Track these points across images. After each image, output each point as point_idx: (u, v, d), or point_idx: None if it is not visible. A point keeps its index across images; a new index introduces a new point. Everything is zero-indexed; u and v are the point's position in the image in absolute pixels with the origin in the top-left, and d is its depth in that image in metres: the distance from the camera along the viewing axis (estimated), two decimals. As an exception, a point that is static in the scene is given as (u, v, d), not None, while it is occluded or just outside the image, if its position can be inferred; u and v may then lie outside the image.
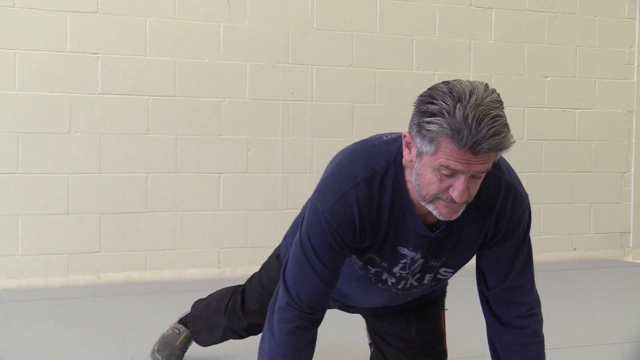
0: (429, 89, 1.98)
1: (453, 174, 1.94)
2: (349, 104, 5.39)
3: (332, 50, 5.34)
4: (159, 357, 3.03)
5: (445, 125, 1.88)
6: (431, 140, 1.91)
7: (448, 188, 1.96)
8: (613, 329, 3.91)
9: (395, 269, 2.22)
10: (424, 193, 2.00)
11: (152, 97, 4.93)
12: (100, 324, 3.75)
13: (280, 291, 2.17)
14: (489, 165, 1.95)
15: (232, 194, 5.14)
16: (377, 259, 2.22)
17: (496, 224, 2.15)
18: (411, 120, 1.98)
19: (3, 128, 4.66)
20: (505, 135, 1.90)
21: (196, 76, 5.03)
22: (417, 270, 2.24)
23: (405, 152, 2.03)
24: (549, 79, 5.94)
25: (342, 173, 2.14)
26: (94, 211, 4.84)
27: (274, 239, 2.78)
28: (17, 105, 4.67)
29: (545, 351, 2.28)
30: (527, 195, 2.23)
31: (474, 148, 1.88)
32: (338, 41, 5.36)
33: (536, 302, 2.28)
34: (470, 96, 1.90)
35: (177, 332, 3.06)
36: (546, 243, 5.91)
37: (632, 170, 6.20)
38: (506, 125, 1.92)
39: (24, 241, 4.73)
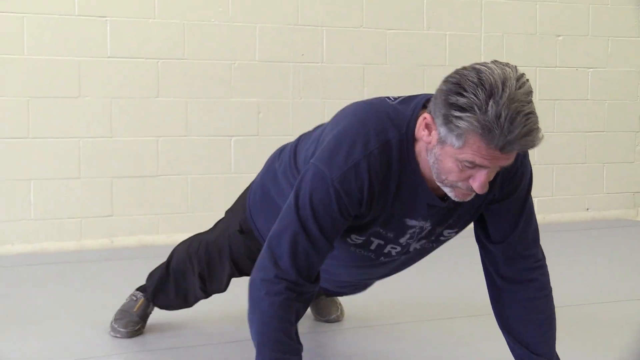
0: (456, 73, 1.90)
1: (476, 166, 1.91)
2: (360, 66, 5.36)
3: (342, 11, 5.30)
4: (116, 326, 3.04)
5: (476, 124, 1.82)
6: (459, 136, 1.86)
7: (468, 177, 1.93)
8: (628, 286, 3.92)
9: (402, 239, 2.19)
10: (443, 177, 1.97)
11: (162, 61, 4.91)
12: (113, 286, 3.76)
13: (265, 261, 2.06)
14: (513, 159, 1.92)
15: (244, 157, 5.12)
16: (381, 231, 2.17)
17: (502, 185, 2.13)
18: (435, 105, 1.92)
19: (13, 93, 4.64)
20: (536, 134, 1.86)
21: (205, 39, 5.00)
22: (423, 236, 2.22)
23: (424, 133, 1.97)
24: (560, 37, 5.89)
25: (352, 138, 2.04)
26: (105, 175, 4.84)
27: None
28: (26, 70, 4.65)
29: (560, 309, 2.27)
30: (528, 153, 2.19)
31: (504, 148, 1.84)
32: (348, 2, 5.32)
33: (542, 255, 2.27)
34: (503, 90, 1.82)
35: (134, 298, 3.06)
36: (559, 203, 5.90)
37: (645, 129, 6.17)
38: (537, 121, 1.87)
39: (37, 206, 4.73)
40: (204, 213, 5.06)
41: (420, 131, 1.99)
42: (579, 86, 5.97)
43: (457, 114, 1.84)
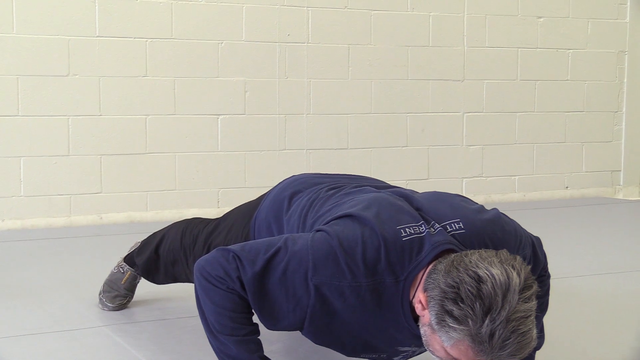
0: (457, 273, 1.81)
1: None
2: (345, 46, 5.45)
3: (328, -9, 5.39)
4: (103, 299, 3.11)
5: (469, 337, 1.77)
6: (450, 338, 1.81)
7: (454, 358, 1.88)
8: (605, 261, 4.06)
9: (396, 358, 2.19)
10: (430, 349, 1.93)
11: (150, 40, 4.99)
12: (102, 261, 3.85)
13: (220, 259, 2.02)
14: None
15: (230, 135, 5.22)
16: (374, 355, 2.16)
17: None
18: (431, 295, 1.85)
19: (2, 71, 4.71)
20: (528, 349, 1.80)
21: (193, 18, 5.08)
22: (418, 353, 2.19)
23: (418, 307, 1.92)
24: (542, 19, 5.99)
25: (348, 261, 1.97)
26: (94, 153, 4.93)
27: (272, 180, 2.83)
28: (16, 48, 4.72)
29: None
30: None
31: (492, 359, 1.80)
32: (333, -17, 5.40)
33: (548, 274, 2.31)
34: (502, 306, 1.75)
35: (122, 271, 3.10)
36: (539, 182, 6.01)
37: (624, 109, 6.27)
38: (532, 334, 1.80)
39: (27, 182, 4.82)
40: (192, 190, 5.16)
41: (417, 307, 1.93)
42: (559, 67, 6.08)
43: (452, 323, 1.79)
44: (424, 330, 1.92)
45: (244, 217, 2.69)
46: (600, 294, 3.45)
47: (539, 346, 2.31)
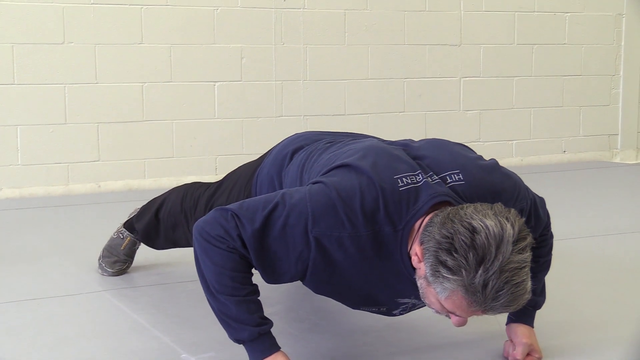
0: (451, 222, 1.83)
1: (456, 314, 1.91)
2: (341, 11, 5.42)
3: (323, -44, 5.35)
4: (103, 264, 3.13)
5: (462, 287, 1.80)
6: (444, 289, 1.84)
7: (448, 313, 1.93)
8: (605, 223, 4.09)
9: (396, 311, 2.21)
10: (426, 301, 1.97)
11: (145, 7, 4.96)
12: (101, 228, 3.85)
13: (219, 219, 2.01)
14: None
15: (227, 102, 5.21)
16: (373, 308, 2.19)
17: None
18: (426, 247, 1.88)
19: (-2, 39, 4.71)
20: (521, 300, 1.83)
21: (188, -15, 5.06)
22: (417, 307, 2.22)
23: (415, 259, 1.94)
24: (539, -18, 5.97)
25: (347, 210, 1.97)
26: (91, 121, 4.92)
27: (269, 146, 2.82)
28: (10, 16, 4.70)
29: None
30: None
31: (485, 311, 1.85)
32: (329, -53, 5.37)
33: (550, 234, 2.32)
34: (496, 256, 1.78)
35: (121, 237, 3.12)
36: (536, 146, 6.01)
37: (621, 73, 6.26)
38: (526, 286, 1.83)
39: (24, 151, 4.81)
40: (189, 157, 5.16)
41: (414, 260, 1.95)
42: (557, 30, 6.06)
43: (445, 273, 1.82)
44: (419, 283, 1.95)
45: (245, 176, 2.69)
46: (600, 255, 3.47)
47: (539, 305, 2.33)
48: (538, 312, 2.34)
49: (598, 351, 2.36)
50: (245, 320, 2.03)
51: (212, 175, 5.11)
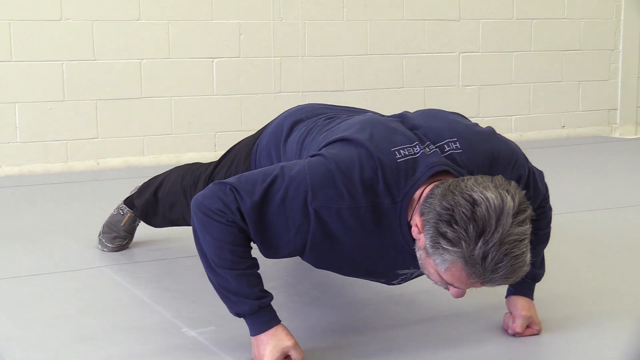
0: (452, 194, 1.84)
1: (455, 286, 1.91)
2: (339, -14, 5.41)
3: None
4: (103, 240, 3.14)
5: (461, 259, 1.81)
6: (444, 261, 1.85)
7: (447, 284, 1.93)
8: (605, 197, 4.11)
9: (395, 281, 2.22)
10: (425, 272, 1.97)
11: (143, -17, 4.94)
12: (100, 204, 3.86)
13: (218, 192, 2.01)
14: None
15: (226, 78, 5.19)
16: (372, 278, 2.21)
17: None
18: (426, 218, 1.88)
19: (-5, 17, 4.68)
20: (520, 273, 1.84)
21: (185, -39, 5.03)
22: (416, 276, 2.22)
23: (414, 230, 1.94)
24: (538, -43, 5.94)
25: (346, 182, 1.97)
26: (90, 98, 4.91)
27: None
28: (8, -7, 4.69)
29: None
30: None
31: (484, 283, 1.86)
32: None
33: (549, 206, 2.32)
34: (496, 228, 1.78)
35: (121, 213, 3.12)
36: (535, 121, 6.01)
37: (620, 47, 6.24)
38: (525, 258, 1.84)
39: (22, 128, 4.80)
40: (188, 134, 5.15)
41: (414, 231, 1.95)
42: (555, 5, 6.03)
43: (445, 245, 1.82)
44: (419, 254, 1.96)
45: (245, 150, 2.70)
46: (599, 229, 3.48)
47: (539, 277, 2.34)
48: (537, 285, 2.34)
49: (597, 323, 2.37)
50: (245, 294, 2.04)
51: (211, 152, 5.11)
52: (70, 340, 2.29)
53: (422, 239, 1.92)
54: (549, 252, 2.38)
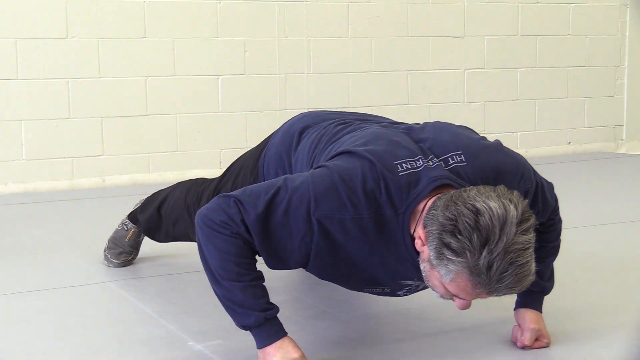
0: (454, 205, 1.83)
1: (460, 297, 1.91)
2: (344, 4, 5.41)
3: (326, -51, 5.34)
4: (108, 256, 3.13)
5: (466, 269, 1.80)
6: (449, 272, 1.84)
7: (452, 296, 1.93)
8: (612, 212, 4.09)
9: (400, 292, 2.21)
10: (429, 284, 1.97)
11: (147, 1, 4.95)
12: (106, 221, 3.85)
13: (222, 205, 2.00)
14: None
15: (231, 95, 5.20)
16: (377, 289, 2.19)
17: None
18: (429, 230, 1.87)
19: (0, 34, 4.68)
20: (526, 282, 1.83)
21: (191, -21, 5.05)
22: (421, 289, 2.21)
23: (418, 243, 1.94)
24: (542, -27, 5.95)
25: (349, 193, 1.97)
26: (95, 115, 4.91)
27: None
28: (13, 11, 4.69)
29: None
30: None
31: (490, 293, 1.85)
32: (331, -60, 5.36)
33: (559, 219, 2.31)
34: (500, 237, 1.78)
35: (125, 228, 3.11)
36: (541, 137, 6.00)
37: (626, 63, 6.24)
38: (530, 267, 1.82)
39: (28, 146, 4.81)
40: (194, 151, 5.16)
41: (417, 244, 1.94)
42: (560, 21, 6.04)
43: (449, 255, 1.82)
44: (423, 266, 1.95)
45: (251, 161, 2.69)
46: (606, 243, 3.47)
47: (548, 290, 2.32)
48: (545, 299, 2.33)
49: (606, 336, 2.35)
50: (251, 306, 2.02)
51: (216, 168, 5.10)
52: (77, 353, 2.28)
53: (425, 251, 1.91)
54: (556, 266, 2.36)
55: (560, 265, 2.40)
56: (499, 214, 1.80)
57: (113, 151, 4.98)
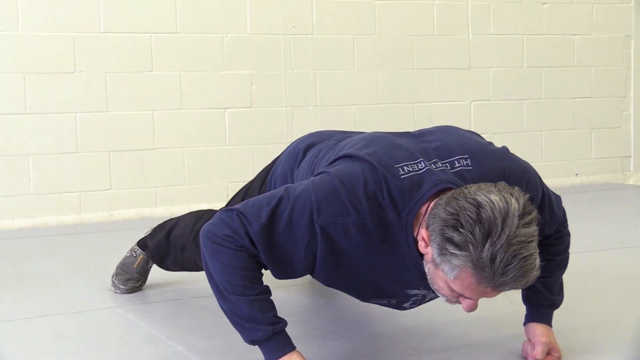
0: (456, 201, 1.83)
1: (465, 296, 1.90)
2: (350, 36, 5.44)
3: (331, -17, 5.39)
4: (116, 282, 3.12)
5: (470, 263, 1.79)
6: (452, 268, 1.83)
7: (458, 297, 1.92)
8: (621, 237, 4.08)
9: (406, 304, 2.20)
10: (434, 287, 1.96)
11: (154, 35, 4.99)
12: (114, 253, 3.84)
13: (225, 219, 2.00)
14: None
15: (238, 128, 5.21)
16: (384, 300, 2.18)
17: None
18: (432, 228, 1.87)
19: (9, 69, 4.72)
20: (531, 275, 1.82)
21: (196, 12, 5.08)
22: (427, 300, 2.20)
23: (421, 244, 1.93)
24: (546, 5, 5.97)
25: (351, 197, 1.97)
26: (103, 149, 4.93)
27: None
28: (21, 46, 4.73)
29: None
30: None
31: (495, 288, 1.83)
32: (336, -25, 5.41)
33: (567, 232, 2.32)
34: (502, 229, 1.77)
35: (134, 255, 3.11)
36: (548, 169, 5.99)
37: (632, 94, 6.25)
38: (535, 261, 1.81)
39: (36, 180, 4.81)
40: (201, 185, 5.16)
41: (421, 245, 1.94)
42: (565, 53, 6.06)
43: (452, 250, 1.81)
44: (427, 268, 1.94)
45: (259, 180, 2.71)
46: (615, 266, 3.46)
47: (557, 304, 2.31)
48: (555, 316, 2.31)
49: (615, 351, 2.33)
50: (258, 320, 2.01)
51: (223, 202, 5.09)
52: (83, 373, 2.26)
53: (429, 252, 1.91)
54: (566, 284, 2.35)
55: (568, 287, 2.38)
56: (500, 207, 1.80)
57: (120, 185, 4.99)
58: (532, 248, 1.81)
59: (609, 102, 6.21)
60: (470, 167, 2.06)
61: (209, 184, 5.19)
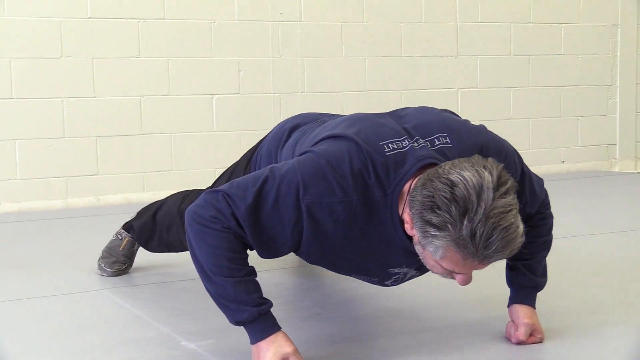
0: (430, 182, 1.85)
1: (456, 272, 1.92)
2: (338, 23, 5.45)
3: (319, -30, 5.39)
4: (102, 265, 3.13)
5: (452, 242, 1.81)
6: (437, 249, 1.86)
7: (451, 273, 1.94)
8: (606, 223, 4.13)
9: (388, 282, 2.21)
10: (427, 267, 1.98)
11: (142, 20, 4.98)
12: (100, 238, 3.84)
13: (211, 200, 1.99)
14: None
15: (225, 114, 5.22)
16: (365, 278, 2.20)
17: None
18: (412, 211, 1.89)
19: (-4, 54, 4.72)
20: (515, 244, 1.83)
21: None
22: (409, 277, 2.21)
23: (407, 227, 1.95)
24: (534, -7, 6.00)
25: (336, 176, 1.97)
26: (90, 134, 4.92)
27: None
28: (7, 30, 4.71)
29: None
30: None
31: (482, 261, 1.85)
32: (324, -38, 5.41)
33: (549, 213, 2.33)
34: (479, 204, 1.78)
35: (120, 238, 3.12)
36: (535, 156, 6.01)
37: (618, 82, 6.28)
38: (517, 229, 1.82)
39: (22, 165, 4.81)
40: (188, 170, 5.16)
41: (407, 227, 1.95)
42: (552, 41, 6.08)
43: (433, 232, 1.83)
44: (417, 249, 1.95)
45: (244, 161, 2.72)
46: (599, 250, 3.48)
47: (541, 286, 2.33)
48: (539, 299, 2.32)
49: (597, 332, 2.36)
50: (244, 301, 2.01)
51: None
52: (71, 353, 2.27)
53: (415, 234, 1.92)
54: (550, 270, 2.36)
55: (552, 270, 2.40)
56: (473, 182, 1.81)
57: (107, 170, 4.98)
58: (511, 217, 1.82)
59: (595, 90, 6.24)
60: (450, 145, 2.08)
61: (197, 169, 5.19)
